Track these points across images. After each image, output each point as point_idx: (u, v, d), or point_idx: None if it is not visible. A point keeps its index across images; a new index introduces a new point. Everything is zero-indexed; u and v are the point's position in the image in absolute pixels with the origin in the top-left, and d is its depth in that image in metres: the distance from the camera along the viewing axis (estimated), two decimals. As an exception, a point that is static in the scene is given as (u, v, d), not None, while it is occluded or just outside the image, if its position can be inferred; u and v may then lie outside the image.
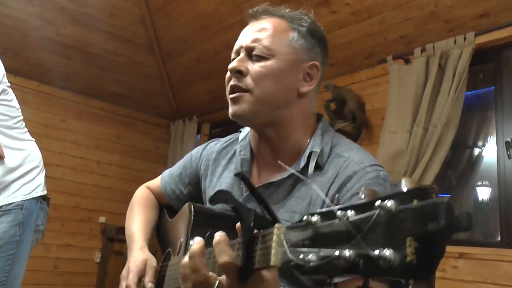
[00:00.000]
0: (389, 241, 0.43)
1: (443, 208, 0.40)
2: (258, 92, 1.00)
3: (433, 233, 0.40)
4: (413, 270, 0.41)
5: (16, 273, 1.83)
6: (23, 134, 2.01)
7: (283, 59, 1.02)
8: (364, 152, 1.04)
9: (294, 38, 1.04)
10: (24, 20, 4.02)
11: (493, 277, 2.49)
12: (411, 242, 0.41)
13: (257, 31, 1.04)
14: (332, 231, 0.50)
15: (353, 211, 0.48)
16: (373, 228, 0.45)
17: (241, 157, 1.12)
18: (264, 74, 1.00)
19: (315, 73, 1.06)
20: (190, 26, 4.23)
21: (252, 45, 1.02)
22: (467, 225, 0.40)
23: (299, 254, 0.53)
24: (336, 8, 3.30)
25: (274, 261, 0.58)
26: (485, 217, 3.08)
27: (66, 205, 4.47)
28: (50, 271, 4.34)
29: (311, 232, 0.53)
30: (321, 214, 0.52)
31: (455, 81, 2.79)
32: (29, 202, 1.90)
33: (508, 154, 2.66)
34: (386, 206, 0.44)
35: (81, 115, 4.75)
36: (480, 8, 2.75)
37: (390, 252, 0.42)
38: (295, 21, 1.06)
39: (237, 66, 1.02)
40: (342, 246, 0.47)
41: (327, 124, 1.11)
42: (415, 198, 0.43)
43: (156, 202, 1.38)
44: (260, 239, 0.65)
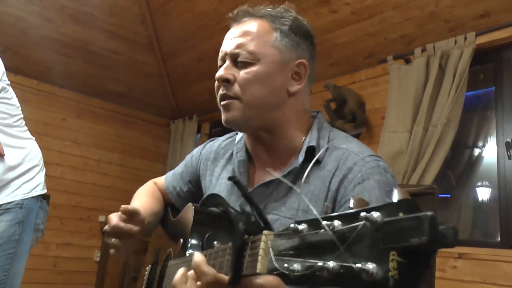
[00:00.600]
0: (373, 254, 0.42)
1: (426, 223, 0.39)
2: (247, 99, 1.00)
3: (416, 248, 0.39)
4: (395, 285, 0.40)
5: (15, 271, 1.83)
6: (23, 133, 2.00)
7: (268, 62, 1.01)
8: (362, 144, 1.04)
9: (277, 38, 1.02)
10: (24, 19, 4.01)
11: (492, 277, 2.49)
12: (395, 257, 0.40)
13: (240, 36, 1.03)
14: (318, 240, 0.49)
15: (339, 221, 0.47)
16: (357, 240, 0.44)
17: (237, 159, 1.12)
18: (251, 80, 1.00)
19: (303, 71, 1.05)
20: (190, 25, 4.23)
21: (236, 52, 1.01)
22: (451, 241, 0.39)
23: (284, 263, 0.52)
24: (337, 7, 3.30)
25: (260, 269, 0.58)
26: (485, 218, 3.08)
27: (66, 204, 4.47)
28: (49, 270, 4.34)
29: (298, 241, 0.52)
30: (308, 223, 0.51)
31: (455, 81, 2.78)
32: (29, 200, 1.90)
33: (508, 154, 2.65)
34: (371, 217, 0.43)
35: (81, 114, 4.75)
36: (481, 8, 2.74)
37: (373, 266, 0.41)
38: (277, 20, 1.04)
39: (223, 75, 1.01)
40: (327, 256, 0.47)
41: (324, 120, 1.11)
42: (401, 211, 0.42)
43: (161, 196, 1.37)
44: (250, 245, 0.65)
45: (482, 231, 3.09)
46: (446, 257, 2.67)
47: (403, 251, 0.40)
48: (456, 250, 2.65)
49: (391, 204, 0.43)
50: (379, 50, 3.31)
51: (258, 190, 1.04)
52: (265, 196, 1.03)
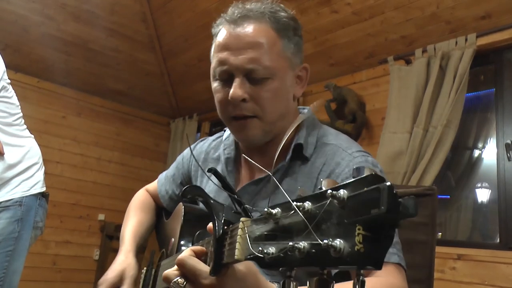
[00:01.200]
0: (340, 230, 0.43)
1: (384, 193, 0.39)
2: (268, 116, 0.97)
3: (377, 219, 0.40)
4: (362, 258, 0.41)
5: (14, 269, 1.83)
6: (23, 131, 2.01)
7: (283, 76, 0.97)
8: (351, 140, 1.03)
9: (284, 46, 0.98)
10: (25, 16, 4.01)
11: (491, 279, 2.49)
12: (360, 231, 0.41)
13: (250, 48, 0.94)
14: (290, 222, 0.50)
15: (309, 202, 0.48)
16: (325, 218, 0.45)
17: (225, 156, 1.11)
18: (271, 97, 0.96)
19: (304, 74, 1.05)
20: (191, 24, 4.23)
21: (250, 67, 0.94)
22: (412, 211, 0.39)
23: (260, 247, 0.54)
24: (338, 7, 3.30)
25: (238, 255, 0.59)
26: (484, 219, 3.08)
27: (65, 202, 4.47)
28: (48, 268, 4.34)
29: (272, 225, 0.53)
30: (281, 207, 0.53)
31: (455, 82, 2.78)
32: (28, 198, 1.90)
33: (508, 156, 2.65)
34: (337, 194, 0.44)
35: (81, 112, 4.75)
36: (482, 10, 2.74)
37: (340, 242, 0.42)
38: (277, 22, 0.98)
39: (241, 95, 0.94)
40: (298, 237, 0.48)
41: (313, 117, 1.09)
42: (366, 186, 0.42)
43: (153, 205, 1.38)
44: (229, 234, 0.66)
45: (482, 233, 3.09)
46: (445, 258, 2.67)
47: (368, 225, 0.41)
48: (455, 252, 2.65)
49: (357, 180, 0.44)
50: (380, 51, 3.31)
51: (248, 189, 1.03)
52: (254, 194, 1.02)
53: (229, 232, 0.66)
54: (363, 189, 0.42)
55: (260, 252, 0.52)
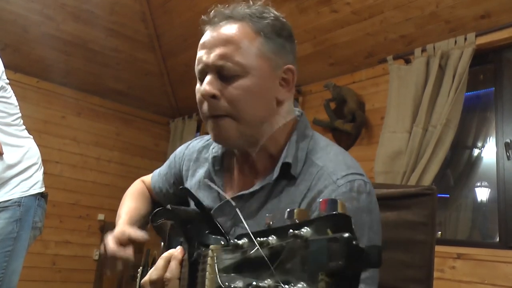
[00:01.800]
0: (303, 274, 0.41)
1: (342, 246, 0.37)
2: (241, 116, 0.92)
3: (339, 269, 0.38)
4: None
5: (13, 269, 1.83)
6: (21, 131, 2.01)
7: (257, 74, 0.92)
8: (342, 158, 0.95)
9: (262, 44, 0.93)
10: (24, 16, 4.01)
11: (491, 278, 2.49)
12: (323, 277, 0.39)
13: (222, 45, 0.92)
14: (256, 257, 0.48)
15: (274, 236, 0.46)
16: (289, 257, 0.43)
17: (212, 155, 1.07)
18: (241, 96, 0.91)
19: (290, 77, 0.97)
20: (190, 23, 4.22)
21: (220, 64, 0.91)
22: (375, 261, 0.38)
23: (227, 280, 0.52)
24: (337, 7, 3.30)
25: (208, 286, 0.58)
26: (484, 218, 3.08)
27: (65, 202, 4.47)
28: (48, 268, 4.34)
29: (240, 256, 0.52)
30: (248, 237, 0.51)
31: (455, 82, 2.78)
32: (27, 199, 1.90)
33: (507, 155, 2.65)
34: (300, 234, 0.42)
35: (81, 112, 4.74)
36: (481, 9, 2.74)
37: (303, 286, 0.40)
38: (258, 22, 0.95)
39: (209, 91, 0.91)
40: (264, 274, 0.46)
41: (305, 125, 1.02)
42: (329, 227, 0.40)
43: (148, 196, 1.37)
44: (202, 259, 0.65)
45: (481, 232, 3.09)
46: (445, 257, 2.67)
47: (328, 272, 0.39)
48: (455, 251, 2.65)
49: (319, 219, 0.42)
50: (379, 50, 3.31)
51: (229, 203, 0.97)
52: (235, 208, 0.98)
53: (201, 257, 0.65)
54: (325, 232, 0.40)
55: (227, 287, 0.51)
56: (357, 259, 0.37)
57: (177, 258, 0.78)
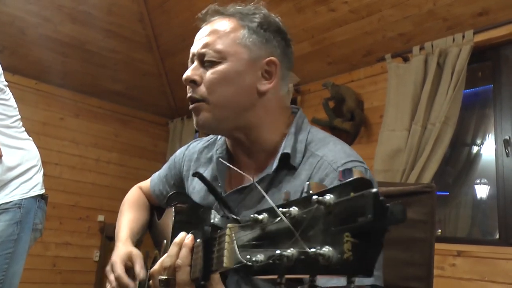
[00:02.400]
0: (328, 237, 0.42)
1: (370, 200, 0.38)
2: (214, 100, 0.96)
3: (365, 227, 0.39)
4: (351, 267, 0.40)
5: (14, 271, 1.83)
6: (21, 133, 2.00)
7: (235, 60, 0.96)
8: (340, 147, 0.98)
9: (245, 35, 0.98)
10: (22, 18, 4.00)
11: (491, 275, 2.49)
12: (348, 238, 0.40)
13: (207, 35, 0.99)
14: (277, 229, 0.49)
15: (296, 207, 0.47)
16: (313, 224, 0.44)
17: (217, 156, 1.09)
18: (217, 80, 0.96)
19: (273, 69, 0.99)
20: (188, 23, 4.22)
21: (202, 51, 0.98)
22: (399, 217, 0.38)
23: (247, 254, 0.53)
24: (335, 6, 3.30)
25: (226, 263, 0.59)
26: (484, 215, 3.09)
27: (64, 204, 4.47)
28: (48, 270, 4.34)
29: (259, 231, 0.52)
30: (267, 212, 0.52)
31: (453, 79, 2.78)
32: (27, 200, 1.90)
33: (506, 152, 2.66)
34: (323, 200, 0.43)
35: (79, 113, 4.74)
36: (479, 6, 2.75)
37: (329, 249, 0.41)
38: (245, 18, 1.00)
39: (190, 76, 0.99)
40: (286, 244, 0.47)
41: (303, 119, 1.05)
42: (352, 191, 0.41)
43: (146, 203, 1.38)
44: (217, 240, 0.65)
45: (481, 229, 3.10)
46: (445, 255, 2.68)
47: (355, 232, 0.40)
48: (455, 248, 2.66)
49: (343, 184, 0.43)
50: (378, 49, 3.31)
51: (232, 196, 1.00)
52: (237, 202, 1.00)
53: (217, 238, 0.65)
54: (349, 195, 0.41)
55: (249, 260, 0.51)
56: (383, 215, 0.38)
57: (188, 246, 0.79)
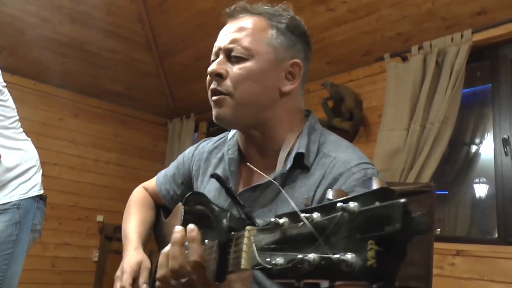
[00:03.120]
0: (351, 244, 0.43)
1: (398, 210, 0.39)
2: (239, 95, 0.98)
3: (391, 236, 0.39)
4: (374, 274, 0.40)
5: (13, 272, 1.83)
6: (19, 134, 2.00)
7: (262, 59, 0.99)
8: (352, 150, 1.00)
9: (273, 36, 1.00)
10: (20, 18, 4.00)
11: (490, 274, 2.49)
12: (372, 246, 0.41)
13: (235, 31, 1.00)
14: (298, 233, 0.49)
15: (318, 213, 0.47)
16: (336, 231, 0.45)
17: (228, 157, 1.10)
18: (243, 76, 0.97)
19: (297, 71, 1.03)
20: (187, 23, 4.22)
21: (230, 46, 0.99)
22: (424, 228, 0.39)
23: (267, 257, 0.53)
24: (334, 5, 3.30)
25: (244, 265, 0.59)
26: (483, 214, 3.09)
27: (63, 204, 4.47)
28: (48, 270, 4.34)
29: (279, 235, 0.52)
30: (288, 216, 0.52)
31: (452, 79, 2.79)
32: (26, 201, 1.90)
33: (505, 151, 2.66)
34: (348, 207, 0.43)
35: (78, 114, 4.74)
36: (477, 6, 2.75)
37: (352, 256, 0.41)
38: (274, 18, 1.02)
39: (216, 69, 0.99)
40: (307, 249, 0.47)
41: (315, 121, 1.08)
42: (377, 200, 0.42)
43: (152, 203, 1.38)
44: (234, 241, 0.65)
45: (480, 228, 3.10)
46: (444, 254, 2.68)
47: (380, 240, 0.41)
48: (454, 247, 2.66)
49: (367, 193, 0.43)
50: (376, 48, 3.31)
51: (245, 194, 1.02)
52: (251, 200, 1.01)
53: (233, 240, 0.66)
54: (374, 204, 0.42)
55: (268, 263, 0.52)
56: (410, 224, 0.39)
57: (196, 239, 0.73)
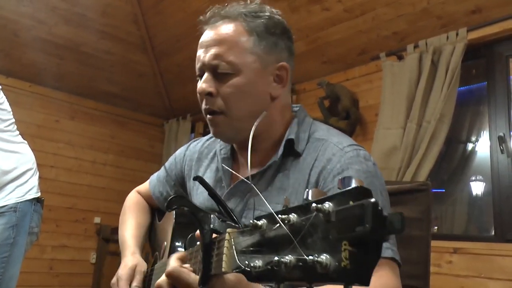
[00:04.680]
0: (326, 245, 0.42)
1: (368, 210, 0.39)
2: (233, 112, 0.97)
3: (362, 236, 0.39)
4: (348, 275, 0.40)
5: (10, 275, 1.83)
6: (15, 137, 2.00)
7: (248, 71, 0.97)
8: (343, 135, 1.02)
9: (254, 43, 0.98)
10: (15, 20, 3.99)
11: (487, 271, 2.50)
12: (346, 247, 0.40)
13: (216, 45, 0.97)
14: (276, 235, 0.49)
15: (295, 214, 0.47)
16: (311, 232, 0.44)
17: (221, 156, 1.11)
18: (234, 93, 0.96)
19: (284, 74, 1.01)
20: (183, 24, 4.22)
21: (214, 63, 0.97)
22: (398, 227, 0.38)
23: (246, 260, 0.53)
24: (329, 5, 3.30)
25: (225, 268, 0.59)
26: (479, 212, 3.10)
27: (61, 206, 4.45)
28: (45, 273, 4.33)
29: (258, 236, 0.52)
30: (267, 218, 0.52)
31: (448, 77, 2.79)
32: (23, 204, 1.90)
33: (501, 148, 2.67)
34: (322, 208, 0.43)
35: (74, 115, 4.73)
36: (472, 4, 2.76)
37: (326, 257, 0.41)
38: (251, 22, 0.99)
39: (205, 89, 0.97)
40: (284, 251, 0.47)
41: (305, 113, 1.08)
42: (352, 199, 0.41)
43: (147, 206, 1.38)
44: (216, 244, 0.66)
45: (477, 226, 3.11)
46: (441, 252, 2.69)
47: (353, 241, 0.40)
48: (451, 245, 2.67)
49: (341, 193, 0.43)
50: (372, 47, 3.32)
51: (240, 187, 1.03)
52: (246, 192, 1.02)
53: (216, 243, 0.66)
54: (348, 204, 0.41)
55: (247, 266, 0.52)
56: (382, 225, 0.38)
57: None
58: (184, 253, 0.78)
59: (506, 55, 2.81)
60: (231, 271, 0.58)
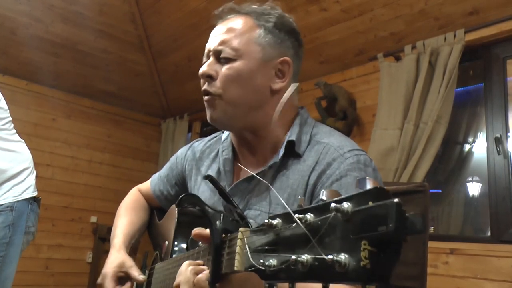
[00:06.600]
0: (345, 245, 0.42)
1: (392, 210, 0.38)
2: (228, 96, 0.99)
3: (384, 236, 0.39)
4: (367, 274, 0.40)
5: (6, 275, 1.82)
6: (12, 135, 1.99)
7: (251, 59, 1.00)
8: (345, 138, 1.02)
9: (261, 35, 1.01)
10: (12, 18, 3.97)
11: (483, 272, 2.51)
12: (366, 246, 0.40)
13: (224, 33, 1.02)
14: (291, 234, 0.49)
15: (311, 213, 0.47)
16: (329, 231, 0.44)
17: (223, 157, 1.11)
18: (232, 77, 0.99)
19: (286, 68, 1.03)
20: (180, 23, 4.21)
21: (219, 48, 1.01)
22: (420, 228, 0.39)
23: (260, 259, 0.53)
24: (327, 5, 3.30)
25: (237, 266, 0.59)
26: (476, 213, 3.11)
27: (57, 205, 4.44)
28: (41, 272, 4.31)
29: (273, 236, 0.52)
30: (282, 217, 0.52)
31: (445, 78, 2.80)
32: (20, 203, 1.89)
33: (497, 150, 2.68)
34: (341, 208, 0.43)
35: (71, 114, 4.71)
36: (470, 5, 2.76)
37: (345, 257, 0.41)
38: (261, 17, 1.03)
39: (206, 71, 1.01)
40: (301, 250, 0.47)
41: (307, 115, 1.09)
42: (371, 200, 0.41)
43: (145, 204, 1.38)
44: (228, 243, 0.65)
45: (473, 227, 3.12)
46: (438, 253, 2.69)
47: (373, 240, 0.40)
48: (448, 246, 2.67)
49: (361, 193, 0.43)
50: (370, 48, 3.32)
51: (240, 186, 1.03)
52: (247, 192, 1.02)
53: (227, 242, 0.66)
54: (368, 204, 0.41)
55: (261, 264, 0.52)
56: (404, 224, 0.38)
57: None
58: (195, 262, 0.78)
59: (503, 56, 2.81)
60: (243, 270, 0.58)
